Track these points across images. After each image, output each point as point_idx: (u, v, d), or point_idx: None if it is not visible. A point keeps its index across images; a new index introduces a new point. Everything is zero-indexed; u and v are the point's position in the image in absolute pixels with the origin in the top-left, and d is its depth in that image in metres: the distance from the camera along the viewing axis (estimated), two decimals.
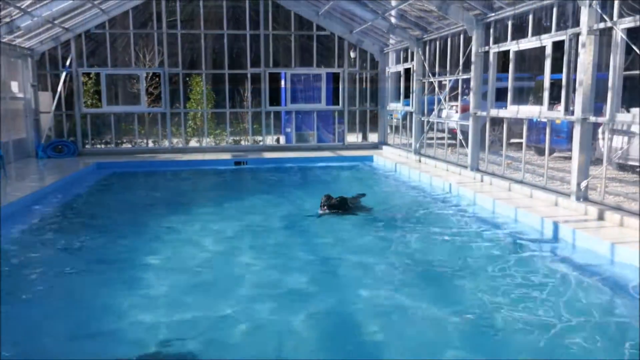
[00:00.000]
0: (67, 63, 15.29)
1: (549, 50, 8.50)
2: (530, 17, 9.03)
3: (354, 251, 6.50)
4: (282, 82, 16.96)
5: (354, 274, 5.76)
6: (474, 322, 4.56)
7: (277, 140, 17.49)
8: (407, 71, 14.74)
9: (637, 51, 6.81)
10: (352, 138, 17.54)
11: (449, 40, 12.31)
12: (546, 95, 8.75)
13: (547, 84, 8.68)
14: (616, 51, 7.10)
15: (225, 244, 6.91)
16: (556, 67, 8.51)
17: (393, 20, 13.48)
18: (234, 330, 4.39)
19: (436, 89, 12.98)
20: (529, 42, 9.09)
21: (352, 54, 16.80)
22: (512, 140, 13.27)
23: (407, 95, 14.99)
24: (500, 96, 10.61)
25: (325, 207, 8.24)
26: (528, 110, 9.54)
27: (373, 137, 17.58)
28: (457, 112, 13.47)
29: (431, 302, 4.97)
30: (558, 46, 8.36)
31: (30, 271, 5.93)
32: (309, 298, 5.03)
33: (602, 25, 7.36)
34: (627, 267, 5.65)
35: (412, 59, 14.13)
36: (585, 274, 5.73)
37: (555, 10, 8.42)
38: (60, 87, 15.27)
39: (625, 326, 4.50)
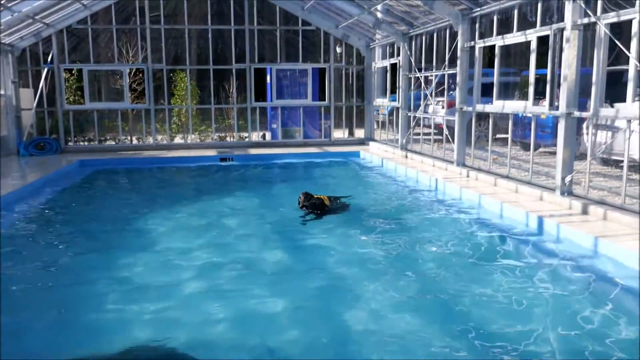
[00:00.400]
0: (49, 59, 15.16)
1: (534, 45, 8.59)
2: (516, 12, 9.12)
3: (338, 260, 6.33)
4: (268, 78, 16.95)
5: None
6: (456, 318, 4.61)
7: (263, 137, 17.47)
8: (394, 66, 14.79)
9: (620, 46, 6.91)
10: (339, 134, 17.59)
11: (435, 35, 12.37)
12: (531, 90, 8.83)
13: (532, 79, 8.76)
14: (600, 46, 7.20)
15: (196, 252, 6.51)
16: (541, 62, 8.60)
17: (379, 15, 13.51)
18: None
19: (422, 84, 13.04)
20: (514, 37, 9.18)
21: (338, 49, 16.83)
22: (498, 136, 13.40)
23: (393, 91, 15.04)
24: (486, 91, 10.70)
25: (304, 208, 7.87)
26: (514, 106, 9.63)
27: (359, 133, 17.63)
28: (443, 107, 13.53)
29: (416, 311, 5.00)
30: (543, 41, 8.45)
31: None
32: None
33: (585, 20, 7.45)
34: (611, 260, 5.75)
35: (399, 54, 14.18)
36: (569, 268, 5.81)
37: (540, 5, 8.51)
38: (41, 84, 15.14)
39: (612, 322, 4.59)
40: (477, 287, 5.26)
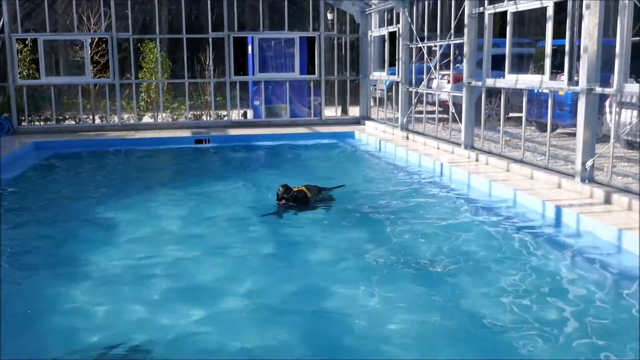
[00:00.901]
0: None
1: (550, 12, 8.55)
2: None
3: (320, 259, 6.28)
4: (250, 48, 16.82)
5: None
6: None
7: (244, 115, 17.39)
8: (393, 35, 14.72)
9: None
10: (331, 112, 17.54)
11: None
12: (548, 63, 8.80)
13: (548, 50, 8.72)
14: (624, 13, 7.17)
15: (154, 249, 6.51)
16: (559, 32, 8.57)
17: None
18: None
19: (425, 55, 12.99)
20: (528, 3, 9.13)
21: (330, 16, 16.72)
22: (511, 115, 13.40)
23: (392, 63, 14.98)
24: (497, 64, 10.67)
25: (283, 202, 7.71)
26: (528, 80, 9.60)
27: (354, 111, 17.58)
28: (449, 82, 13.50)
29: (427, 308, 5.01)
30: (561, 7, 8.42)
31: None
32: None
33: None
34: (636, 257, 5.78)
35: (398, 22, 14.10)
36: (590, 265, 5.84)
37: None
38: None
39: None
40: (486, 289, 5.28)
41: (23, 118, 15.59)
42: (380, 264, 5.95)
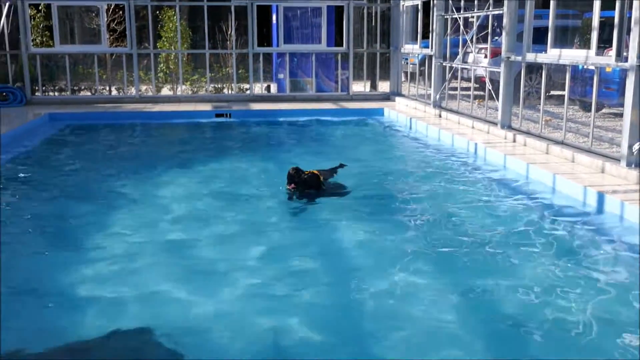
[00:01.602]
0: None
1: None
2: None
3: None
4: (274, 18, 16.73)
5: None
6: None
7: (268, 89, 17.35)
8: (427, 5, 14.54)
9: None
10: (359, 87, 17.41)
11: None
12: (594, 36, 8.62)
13: (595, 22, 8.53)
14: None
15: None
16: (608, 3, 8.35)
17: None
18: None
19: (461, 27, 12.80)
20: None
21: None
22: (552, 92, 13.19)
23: (425, 36, 14.81)
24: (539, 37, 10.50)
25: (293, 185, 7.52)
26: (572, 55, 9.40)
27: (384, 86, 17.44)
28: (486, 56, 13.34)
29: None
30: None
31: None
32: None
33: None
34: None
35: None
36: (635, 257, 5.71)
37: None
38: (2, 22, 15.03)
39: None
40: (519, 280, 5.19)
41: (36, 88, 15.74)
42: (414, 249, 5.89)
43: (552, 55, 9.61)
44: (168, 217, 6.91)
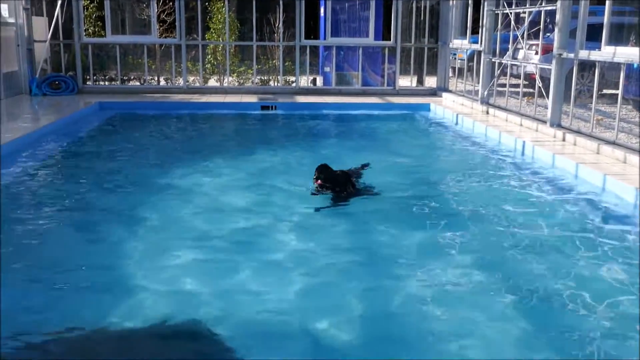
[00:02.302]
0: None
1: None
2: None
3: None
4: (322, 11, 16.73)
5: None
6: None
7: (314, 82, 17.38)
8: (477, 0, 14.35)
9: None
10: (405, 82, 17.30)
11: None
12: None
13: None
14: None
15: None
16: None
17: None
18: None
19: (512, 22, 12.60)
20: None
21: None
22: (605, 91, 12.90)
23: (475, 31, 14.62)
24: (593, 34, 10.26)
25: (319, 182, 7.02)
26: (628, 53, 9.17)
27: (431, 82, 17.28)
28: (537, 53, 13.13)
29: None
30: None
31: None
32: None
33: None
34: None
35: None
36: None
37: None
38: (57, 12, 15.39)
39: None
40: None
41: (88, 77, 16.08)
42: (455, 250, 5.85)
43: (607, 52, 9.38)
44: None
